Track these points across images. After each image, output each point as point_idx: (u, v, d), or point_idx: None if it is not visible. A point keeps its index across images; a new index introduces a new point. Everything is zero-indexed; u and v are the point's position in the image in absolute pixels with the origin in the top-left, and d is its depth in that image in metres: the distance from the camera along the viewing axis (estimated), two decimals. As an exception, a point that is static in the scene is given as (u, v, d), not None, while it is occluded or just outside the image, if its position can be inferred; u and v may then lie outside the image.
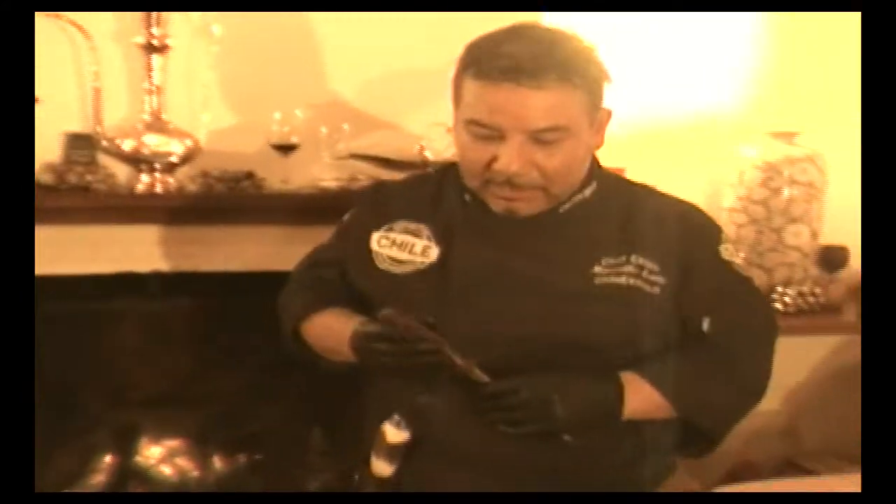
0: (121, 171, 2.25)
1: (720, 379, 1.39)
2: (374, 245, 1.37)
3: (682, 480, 2.63)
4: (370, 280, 1.37)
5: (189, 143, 2.23)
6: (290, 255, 2.42)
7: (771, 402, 2.96)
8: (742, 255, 2.67)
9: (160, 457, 2.76)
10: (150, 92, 2.22)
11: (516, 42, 1.26)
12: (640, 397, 1.32)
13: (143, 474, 2.75)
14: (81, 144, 2.21)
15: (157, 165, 2.21)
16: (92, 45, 2.19)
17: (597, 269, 1.31)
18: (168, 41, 2.21)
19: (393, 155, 2.32)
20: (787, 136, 2.70)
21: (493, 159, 1.26)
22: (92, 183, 2.18)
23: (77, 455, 2.69)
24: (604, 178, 1.39)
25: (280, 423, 2.80)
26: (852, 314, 2.72)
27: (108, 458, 2.70)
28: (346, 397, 2.77)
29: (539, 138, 1.25)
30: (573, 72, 1.26)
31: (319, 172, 2.32)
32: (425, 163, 2.25)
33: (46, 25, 2.12)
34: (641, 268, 1.32)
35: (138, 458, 2.74)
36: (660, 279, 1.32)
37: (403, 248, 1.35)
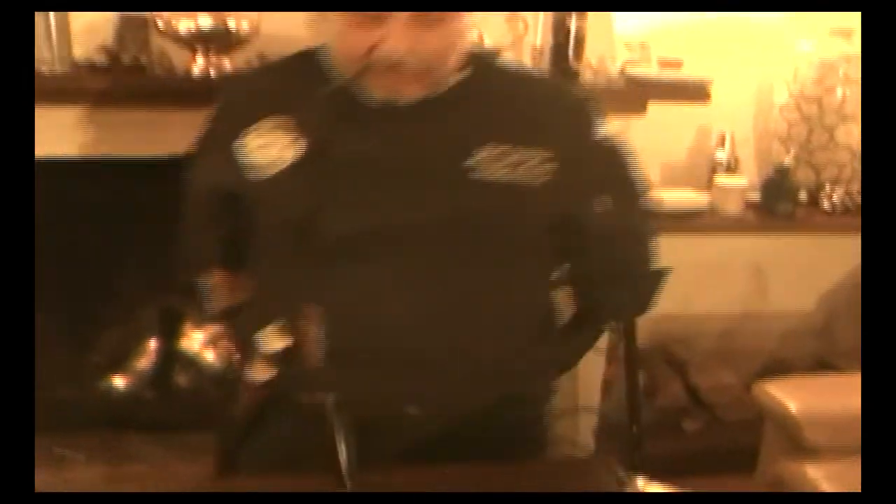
0: (175, 55, 2.19)
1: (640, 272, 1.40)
2: (241, 152, 1.30)
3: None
4: (243, 188, 1.30)
5: (245, 24, 2.16)
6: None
7: (807, 301, 3.01)
8: (793, 152, 2.65)
9: (204, 341, 2.79)
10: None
11: None
12: None
13: (187, 358, 2.77)
14: (135, 25, 2.15)
15: (212, 48, 2.15)
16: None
17: (473, 160, 1.23)
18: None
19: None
20: (845, 34, 2.65)
21: (375, 45, 1.17)
22: (146, 65, 2.13)
23: (121, 339, 2.71)
24: (479, 56, 1.32)
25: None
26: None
27: (152, 342, 2.74)
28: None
29: (422, 18, 1.15)
30: None
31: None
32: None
33: None
34: (524, 161, 1.24)
35: (182, 343, 2.78)
36: (548, 167, 1.25)
37: (271, 147, 1.28)
